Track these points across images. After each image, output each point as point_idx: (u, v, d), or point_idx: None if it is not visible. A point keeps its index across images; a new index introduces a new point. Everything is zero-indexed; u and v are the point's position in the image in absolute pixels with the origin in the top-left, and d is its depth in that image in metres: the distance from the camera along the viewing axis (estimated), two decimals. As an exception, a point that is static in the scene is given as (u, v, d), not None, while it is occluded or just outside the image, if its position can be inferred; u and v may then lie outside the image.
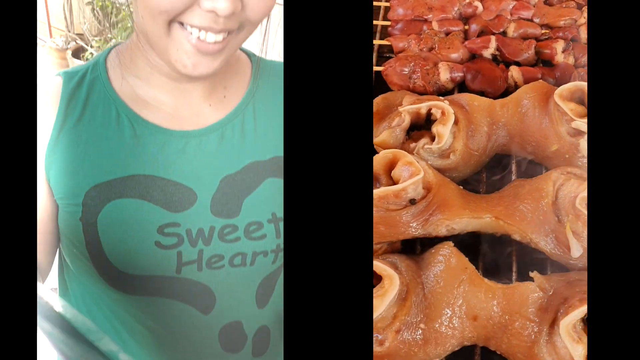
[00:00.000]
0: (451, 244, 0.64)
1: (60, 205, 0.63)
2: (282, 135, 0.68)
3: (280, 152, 0.68)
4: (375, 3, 0.96)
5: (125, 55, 0.64)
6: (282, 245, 0.66)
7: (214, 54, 0.56)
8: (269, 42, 0.67)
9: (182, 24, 0.55)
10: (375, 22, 0.94)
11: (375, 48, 0.90)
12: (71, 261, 0.66)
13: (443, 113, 0.73)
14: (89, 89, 0.63)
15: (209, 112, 0.66)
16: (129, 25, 0.52)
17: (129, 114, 0.62)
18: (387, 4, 0.94)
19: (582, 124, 0.70)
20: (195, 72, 0.57)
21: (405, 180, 0.64)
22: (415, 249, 0.72)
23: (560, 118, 0.72)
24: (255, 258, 0.65)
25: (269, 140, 0.68)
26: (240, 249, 0.64)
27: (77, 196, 0.61)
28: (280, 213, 0.66)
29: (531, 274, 0.63)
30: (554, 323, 0.60)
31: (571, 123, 0.71)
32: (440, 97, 0.76)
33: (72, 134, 0.61)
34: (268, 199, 0.66)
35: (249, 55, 0.72)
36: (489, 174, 0.79)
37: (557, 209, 0.66)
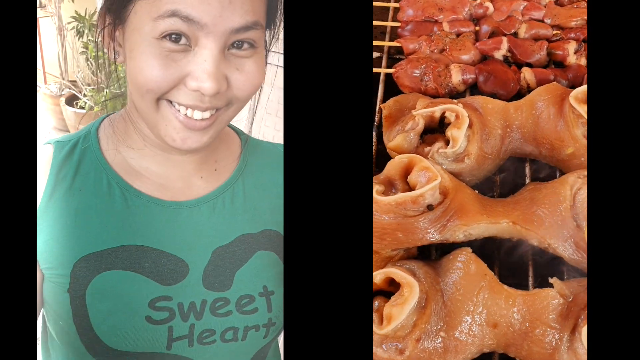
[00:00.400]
0: (469, 250, 0.63)
1: (47, 276, 0.61)
2: (273, 210, 0.69)
3: (271, 226, 0.68)
4: (384, 4, 0.95)
5: (118, 125, 0.64)
6: (273, 320, 0.65)
7: (202, 130, 0.57)
8: (256, 115, 0.68)
9: (170, 101, 0.55)
10: (384, 23, 0.93)
11: (385, 49, 0.89)
12: (56, 333, 0.64)
13: (457, 116, 0.72)
14: (80, 158, 0.62)
15: (201, 184, 0.66)
16: (122, 75, 0.53)
17: (121, 184, 0.62)
18: (397, 5, 0.93)
19: (599, 127, 0.69)
20: (184, 146, 0.57)
21: (423, 185, 0.63)
22: (430, 254, 0.71)
23: (576, 121, 0.72)
24: (246, 333, 0.64)
25: (259, 214, 0.68)
26: (232, 324, 0.63)
27: (66, 267, 0.59)
28: (271, 286, 0.65)
29: (551, 280, 0.62)
30: (574, 329, 0.59)
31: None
32: (454, 100, 0.75)
33: (62, 202, 0.60)
34: (259, 272, 0.65)
35: (237, 132, 0.73)
36: (502, 176, 0.78)
37: (576, 214, 0.65)
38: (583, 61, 0.84)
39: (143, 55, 0.53)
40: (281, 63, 0.63)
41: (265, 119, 2.42)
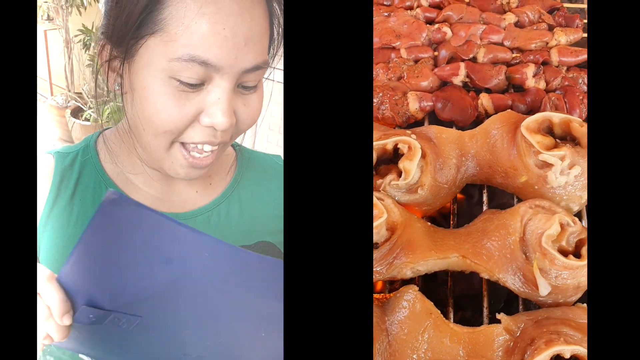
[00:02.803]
0: (415, 288, 0.63)
1: None
2: (267, 222, 0.70)
3: (265, 237, 0.69)
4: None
5: (114, 145, 0.65)
6: None
7: (205, 167, 0.58)
8: (259, 131, 0.69)
9: (182, 143, 0.56)
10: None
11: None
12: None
13: (410, 148, 0.72)
14: (81, 170, 0.64)
15: (196, 198, 0.67)
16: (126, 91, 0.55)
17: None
18: (357, 31, 0.93)
19: (550, 157, 0.69)
20: (186, 178, 0.59)
21: (369, 223, 0.63)
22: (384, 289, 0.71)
23: (528, 150, 0.71)
24: None
25: (254, 225, 0.69)
26: None
27: None
28: None
29: (498, 316, 0.62)
30: (521, 366, 0.59)
31: (538, 156, 0.70)
32: (407, 131, 0.75)
33: (63, 212, 0.62)
34: None
35: (233, 145, 0.74)
36: (459, 204, 0.78)
37: (525, 246, 0.65)
38: (542, 84, 0.84)
39: (157, 95, 0.53)
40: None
41: (268, 135, 2.42)
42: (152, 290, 0.47)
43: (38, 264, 0.50)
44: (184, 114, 0.54)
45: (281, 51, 0.62)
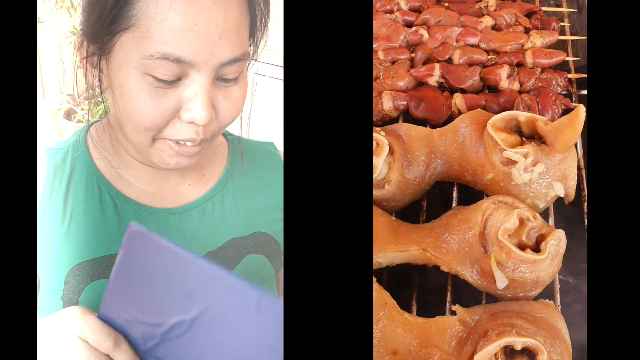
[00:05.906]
0: (373, 279, 0.64)
1: (42, 283, 0.62)
2: (262, 212, 0.70)
3: (261, 228, 0.69)
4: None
5: (104, 140, 0.65)
6: None
7: (195, 155, 0.59)
8: (252, 127, 0.69)
9: (164, 139, 0.57)
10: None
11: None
12: None
13: (377, 144, 0.74)
14: (72, 167, 0.64)
15: (189, 191, 0.67)
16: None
17: (111, 191, 0.63)
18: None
19: (513, 154, 0.70)
20: (176, 167, 0.59)
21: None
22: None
23: (494, 147, 0.73)
24: None
25: (249, 216, 0.69)
26: None
27: (59, 274, 0.61)
28: None
29: (453, 308, 0.63)
30: (472, 356, 0.60)
31: (503, 153, 0.71)
32: (377, 129, 0.77)
33: (56, 210, 0.62)
34: (248, 276, 0.66)
35: (225, 134, 0.74)
36: (430, 201, 0.80)
37: (484, 240, 0.66)
38: (516, 85, 0.85)
39: (134, 91, 0.53)
40: (276, 75, 0.63)
41: (262, 131, 2.46)
42: (179, 329, 0.46)
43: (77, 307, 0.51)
44: (162, 110, 0.54)
45: (264, 41, 0.61)
